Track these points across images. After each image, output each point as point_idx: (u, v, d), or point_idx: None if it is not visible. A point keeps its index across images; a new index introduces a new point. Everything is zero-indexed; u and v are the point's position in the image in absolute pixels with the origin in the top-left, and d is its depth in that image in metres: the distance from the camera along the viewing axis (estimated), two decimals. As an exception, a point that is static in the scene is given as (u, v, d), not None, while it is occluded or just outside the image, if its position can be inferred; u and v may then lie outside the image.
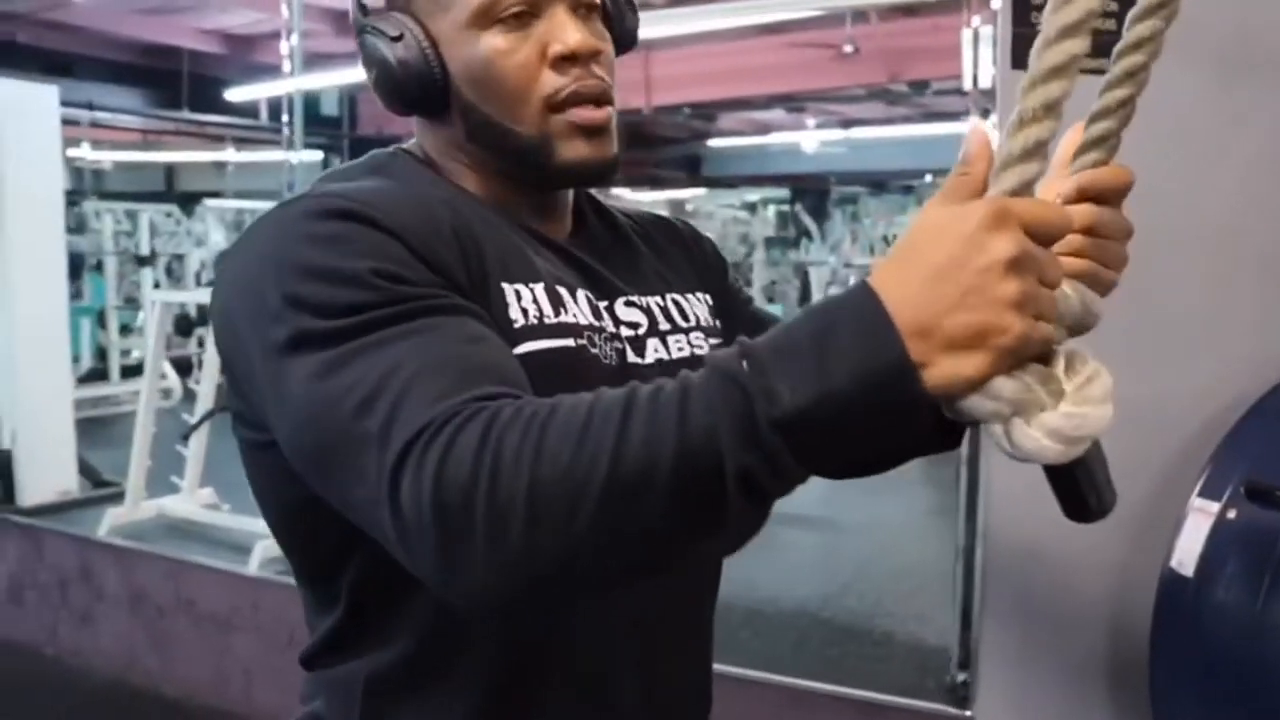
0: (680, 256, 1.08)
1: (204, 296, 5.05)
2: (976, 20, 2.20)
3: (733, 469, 0.59)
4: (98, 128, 10.07)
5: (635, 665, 0.94)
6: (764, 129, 13.16)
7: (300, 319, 0.73)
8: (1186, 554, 1.74)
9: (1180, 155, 1.81)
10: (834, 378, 0.58)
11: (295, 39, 3.92)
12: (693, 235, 1.13)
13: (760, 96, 10.38)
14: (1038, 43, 0.61)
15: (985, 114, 3.02)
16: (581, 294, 0.90)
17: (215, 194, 14.21)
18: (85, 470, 5.41)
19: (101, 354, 9.27)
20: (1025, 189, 0.60)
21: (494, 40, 0.88)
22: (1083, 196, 0.77)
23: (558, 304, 0.87)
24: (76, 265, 9.40)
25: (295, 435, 0.74)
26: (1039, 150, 0.60)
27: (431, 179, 0.93)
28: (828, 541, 5.15)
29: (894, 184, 16.05)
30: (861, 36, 8.03)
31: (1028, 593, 1.97)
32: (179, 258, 10.38)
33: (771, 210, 17.16)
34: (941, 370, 0.57)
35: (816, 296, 9.85)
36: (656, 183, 17.88)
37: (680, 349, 0.97)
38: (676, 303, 1.00)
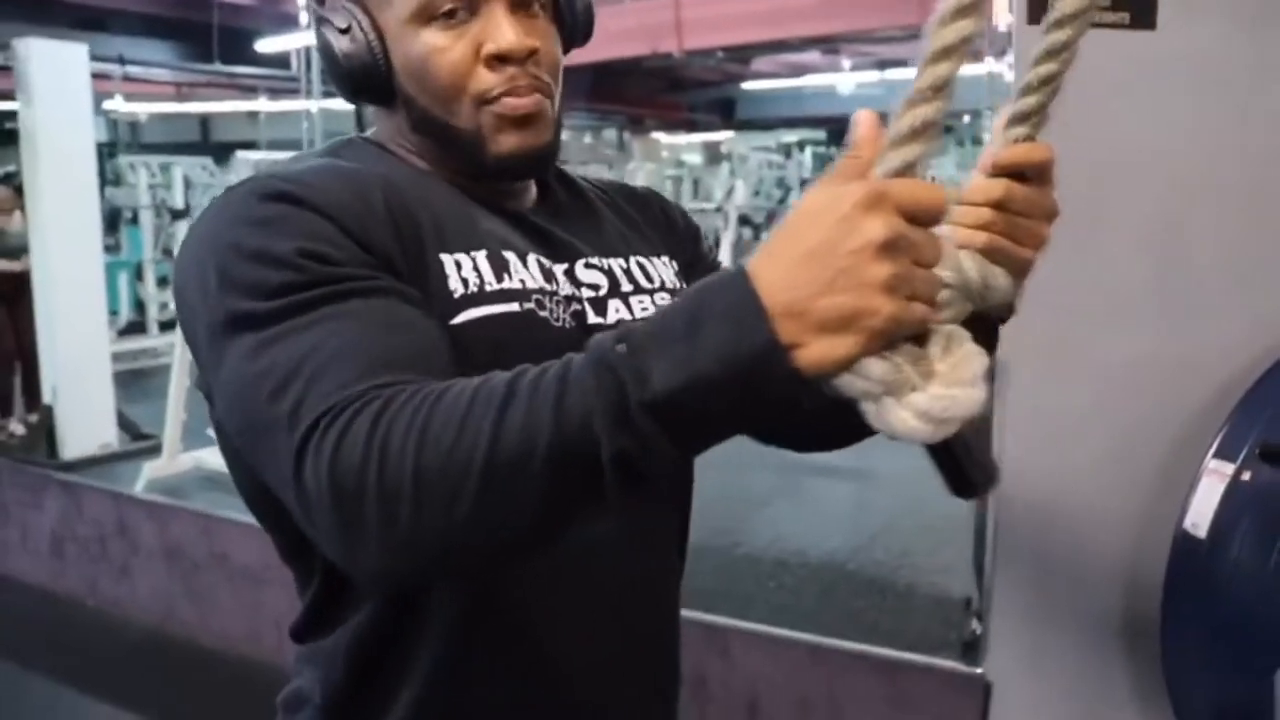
0: (646, 223, 1.08)
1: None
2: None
3: (607, 452, 0.60)
4: (131, 81, 10.11)
5: (595, 638, 0.95)
6: (799, 71, 13.01)
7: (233, 300, 0.75)
8: (1200, 515, 1.73)
9: (1207, 106, 1.78)
10: (702, 360, 0.58)
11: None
12: (661, 204, 1.13)
13: (794, 39, 10.24)
14: (931, 21, 0.60)
15: (1001, 54, 2.96)
16: (533, 258, 0.91)
17: (250, 143, 14.27)
18: (124, 423, 5.53)
19: (140, 307, 9.38)
20: (909, 169, 0.60)
21: (432, 37, 0.89)
22: (1000, 171, 0.76)
23: (501, 269, 0.88)
24: (114, 218, 9.51)
25: (227, 414, 0.77)
26: (926, 130, 0.59)
27: (386, 160, 0.94)
28: (857, 493, 5.16)
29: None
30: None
31: (1041, 550, 1.97)
32: (215, 210, 10.42)
33: (809, 153, 17.01)
34: (813, 351, 0.57)
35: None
36: (691, 126, 17.78)
37: (644, 309, 0.97)
38: (641, 265, 1.01)
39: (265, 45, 9.29)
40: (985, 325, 0.78)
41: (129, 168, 10.19)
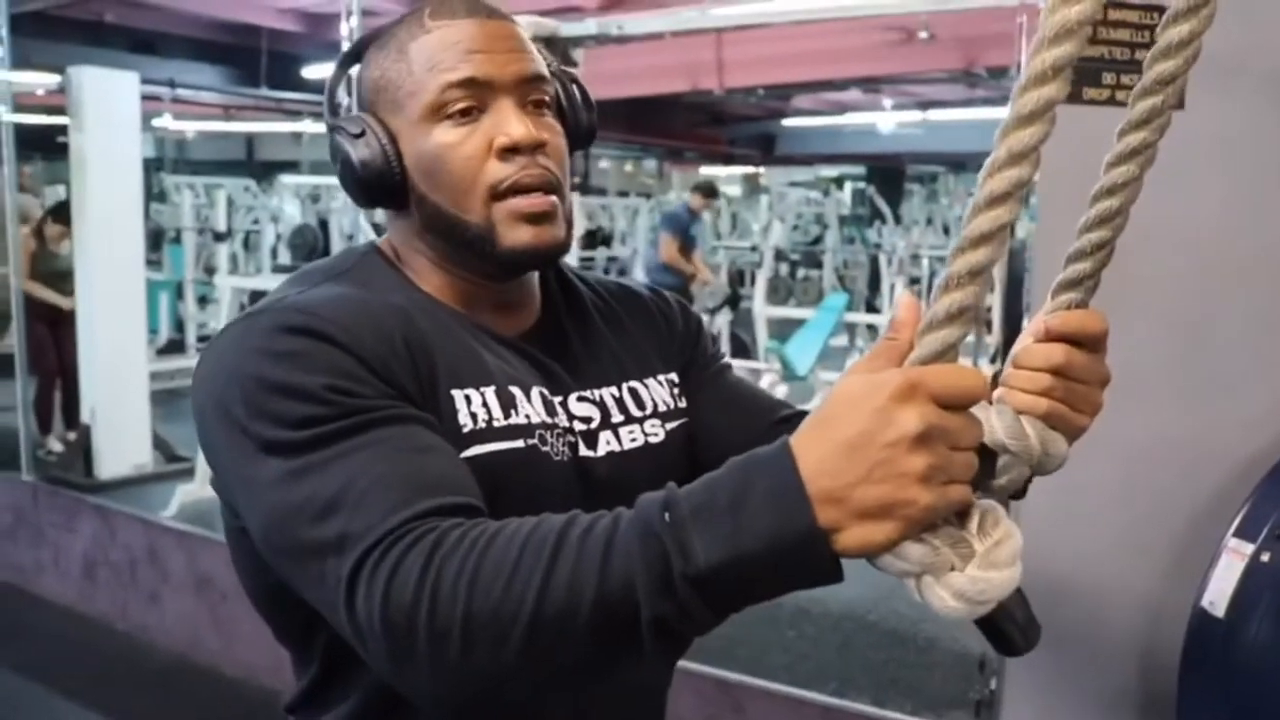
0: (644, 334, 1.10)
1: (273, 282, 5.20)
2: (1023, 19, 2.17)
3: (647, 616, 0.63)
4: (180, 102, 10.27)
5: None
6: (840, 108, 13.00)
7: (263, 430, 0.78)
8: (1218, 594, 1.73)
9: (1232, 186, 1.79)
10: (746, 540, 0.61)
11: (355, 20, 4.06)
12: (660, 307, 1.14)
13: (834, 80, 10.24)
14: (968, 209, 0.62)
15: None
16: (536, 391, 0.94)
17: (293, 163, 14.44)
18: (159, 445, 5.59)
19: (180, 326, 9.49)
20: (947, 352, 0.62)
21: (444, 134, 0.92)
22: (1055, 337, 0.77)
23: (509, 405, 0.91)
24: (157, 237, 9.63)
25: (263, 534, 0.80)
26: (962, 315, 0.61)
27: (394, 281, 0.96)
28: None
29: (974, 164, 15.76)
30: (937, 22, 7.89)
31: (1058, 624, 1.96)
32: (256, 232, 10.55)
33: (849, 188, 16.96)
34: (852, 536, 0.60)
35: (885, 285, 9.74)
36: (730, 160, 17.81)
37: (633, 439, 1.01)
38: (633, 390, 1.04)
39: (311, 72, 9.42)
40: None
41: (174, 188, 10.32)
